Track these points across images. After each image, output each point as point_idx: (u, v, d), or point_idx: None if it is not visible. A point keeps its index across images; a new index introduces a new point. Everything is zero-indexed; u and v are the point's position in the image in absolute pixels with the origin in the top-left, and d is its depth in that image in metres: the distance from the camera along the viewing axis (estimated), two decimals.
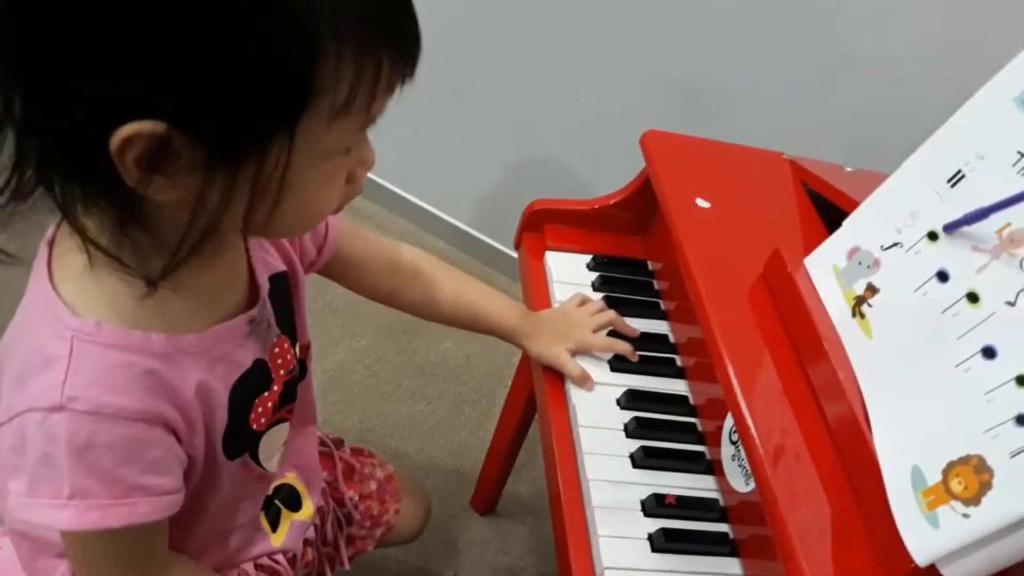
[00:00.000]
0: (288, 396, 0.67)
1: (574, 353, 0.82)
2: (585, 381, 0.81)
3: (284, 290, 0.66)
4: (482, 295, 0.86)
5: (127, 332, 0.51)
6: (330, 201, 0.52)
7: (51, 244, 0.54)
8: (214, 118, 0.43)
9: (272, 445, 0.68)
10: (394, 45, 0.46)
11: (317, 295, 0.71)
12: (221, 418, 0.59)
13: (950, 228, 0.62)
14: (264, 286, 0.62)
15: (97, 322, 0.51)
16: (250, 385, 0.61)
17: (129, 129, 0.42)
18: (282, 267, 0.65)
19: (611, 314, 0.86)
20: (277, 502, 0.76)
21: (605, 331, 0.85)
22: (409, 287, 0.82)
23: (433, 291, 0.83)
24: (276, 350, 0.63)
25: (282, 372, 0.65)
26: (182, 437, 0.55)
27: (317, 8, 0.42)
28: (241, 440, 0.63)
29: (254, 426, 0.63)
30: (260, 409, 0.63)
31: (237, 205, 0.46)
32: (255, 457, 0.66)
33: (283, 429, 0.69)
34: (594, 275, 0.93)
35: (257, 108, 0.43)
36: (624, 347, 0.84)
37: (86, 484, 0.51)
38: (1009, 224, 0.60)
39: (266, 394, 0.63)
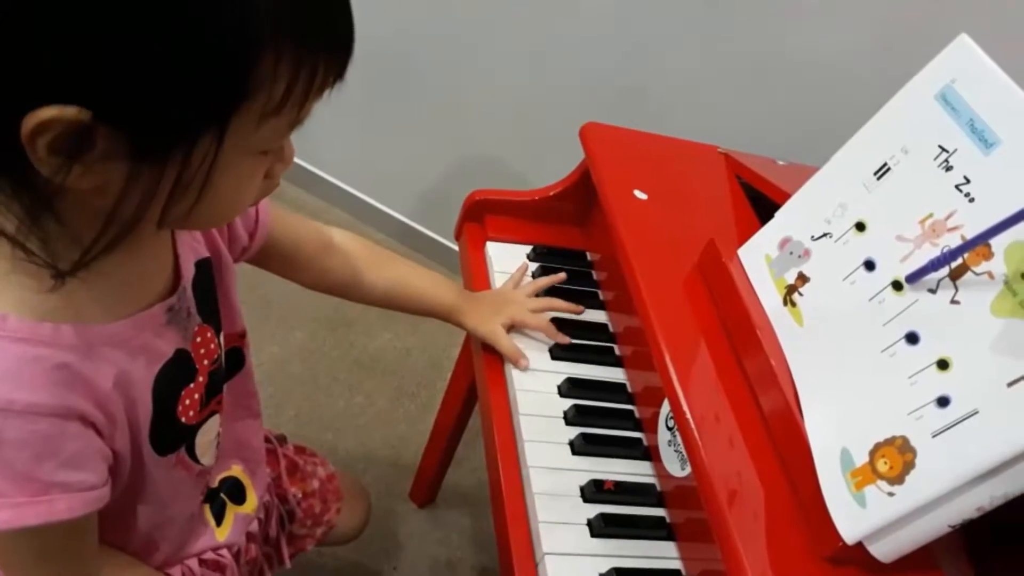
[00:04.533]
0: (215, 388, 0.65)
1: (509, 328, 0.83)
2: (519, 359, 0.82)
3: (207, 277, 0.64)
4: (417, 274, 0.85)
5: (35, 325, 0.49)
6: (247, 197, 0.51)
7: None
8: (144, 110, 0.41)
9: (206, 440, 0.66)
10: (331, 50, 0.46)
11: (252, 287, 0.69)
12: (145, 411, 0.57)
13: (912, 279, 0.62)
14: (188, 273, 0.60)
15: (2, 315, 0.48)
16: (173, 376, 0.59)
17: (48, 113, 0.40)
18: (206, 253, 0.64)
19: (548, 299, 0.87)
20: (222, 495, 0.75)
21: (547, 316, 0.86)
22: (341, 268, 0.81)
23: (367, 272, 0.82)
24: (198, 339, 0.62)
25: (206, 362, 0.63)
26: (102, 431, 0.53)
27: (261, 10, 0.41)
28: (173, 435, 0.61)
29: (183, 419, 0.61)
30: (188, 401, 0.61)
31: (157, 199, 0.45)
32: (192, 453, 0.64)
33: (215, 422, 0.67)
34: (534, 265, 0.93)
35: (191, 104, 0.42)
36: (555, 332, 0.85)
37: None
38: (931, 215, 0.62)
39: (192, 385, 0.62)
